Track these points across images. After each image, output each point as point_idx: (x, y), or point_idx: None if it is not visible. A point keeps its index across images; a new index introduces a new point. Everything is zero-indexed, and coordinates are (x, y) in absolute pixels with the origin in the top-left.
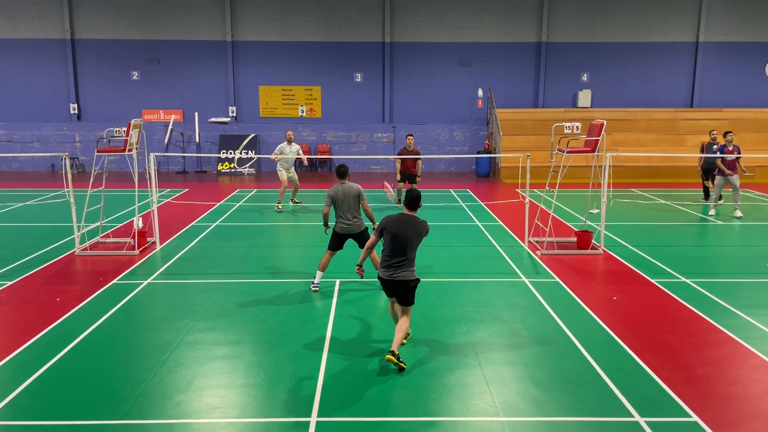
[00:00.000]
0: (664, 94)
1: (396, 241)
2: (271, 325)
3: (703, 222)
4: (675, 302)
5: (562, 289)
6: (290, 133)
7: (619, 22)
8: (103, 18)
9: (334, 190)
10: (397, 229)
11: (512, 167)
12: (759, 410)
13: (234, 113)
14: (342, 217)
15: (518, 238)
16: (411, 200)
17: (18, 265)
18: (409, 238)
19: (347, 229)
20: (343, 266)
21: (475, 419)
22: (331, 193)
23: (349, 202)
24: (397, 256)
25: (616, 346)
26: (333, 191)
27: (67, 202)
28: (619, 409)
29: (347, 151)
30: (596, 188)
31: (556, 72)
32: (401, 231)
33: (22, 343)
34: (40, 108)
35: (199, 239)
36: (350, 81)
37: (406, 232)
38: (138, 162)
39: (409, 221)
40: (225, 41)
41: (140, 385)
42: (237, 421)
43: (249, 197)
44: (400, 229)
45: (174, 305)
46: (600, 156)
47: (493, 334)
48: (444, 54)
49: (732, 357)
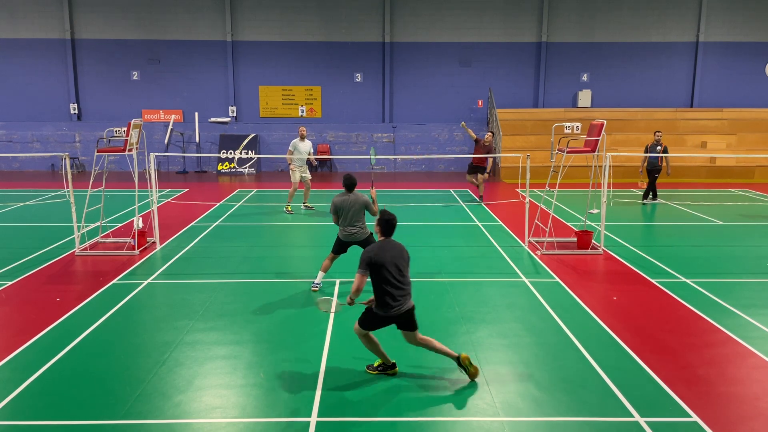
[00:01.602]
0: (664, 94)
1: (397, 270)
2: (271, 325)
3: (703, 222)
4: (675, 302)
5: (562, 289)
6: (303, 129)
7: (619, 22)
8: (103, 18)
9: (340, 200)
10: (391, 257)
11: (512, 167)
12: (759, 410)
13: (234, 113)
14: (346, 226)
15: (518, 238)
16: (390, 227)
17: (18, 265)
18: (406, 263)
19: (351, 237)
20: (344, 267)
21: (475, 419)
22: (337, 202)
23: (353, 212)
24: (404, 286)
25: (616, 346)
26: (339, 201)
27: (67, 202)
28: (619, 409)
29: (347, 151)
30: (596, 188)
31: (556, 72)
32: (396, 259)
33: (22, 343)
34: (40, 108)
35: (199, 239)
36: (350, 81)
37: (401, 258)
38: (138, 162)
39: (396, 247)
40: (225, 41)
41: (140, 385)
42: (237, 421)
43: (249, 197)
44: (395, 257)
45: (174, 305)
46: (600, 156)
47: (493, 334)
48: (444, 54)
49: (732, 357)
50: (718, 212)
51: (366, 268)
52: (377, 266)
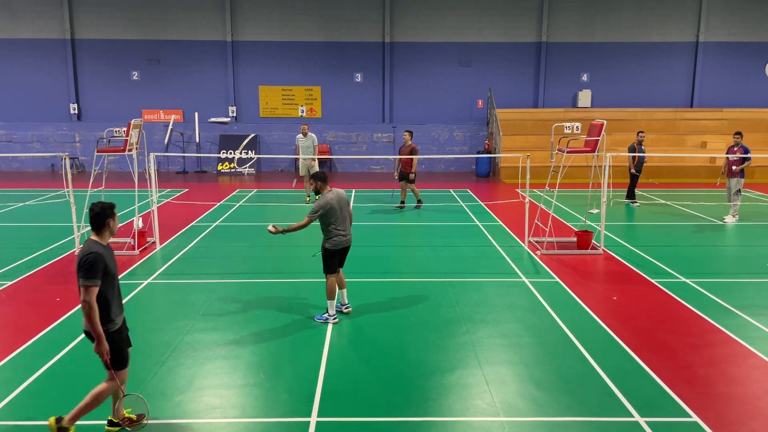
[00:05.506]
0: (664, 94)
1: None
2: (271, 325)
3: (703, 222)
4: (675, 302)
5: (562, 289)
6: (304, 126)
7: (619, 22)
8: (103, 18)
9: (336, 198)
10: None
11: (512, 167)
12: (759, 410)
13: (234, 113)
14: (340, 230)
15: (518, 238)
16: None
17: (18, 265)
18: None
19: (345, 242)
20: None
21: (475, 419)
22: (332, 200)
23: (345, 211)
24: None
25: (616, 346)
26: (334, 199)
27: (67, 202)
28: (619, 409)
29: (347, 151)
30: (596, 188)
31: (556, 72)
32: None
33: (22, 343)
34: (40, 108)
35: (199, 239)
36: (350, 81)
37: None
38: (138, 162)
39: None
40: (225, 41)
41: (140, 385)
42: (237, 421)
43: (249, 197)
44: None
45: (174, 305)
46: (600, 156)
47: (493, 334)
48: (444, 54)
49: (732, 357)
50: (718, 212)
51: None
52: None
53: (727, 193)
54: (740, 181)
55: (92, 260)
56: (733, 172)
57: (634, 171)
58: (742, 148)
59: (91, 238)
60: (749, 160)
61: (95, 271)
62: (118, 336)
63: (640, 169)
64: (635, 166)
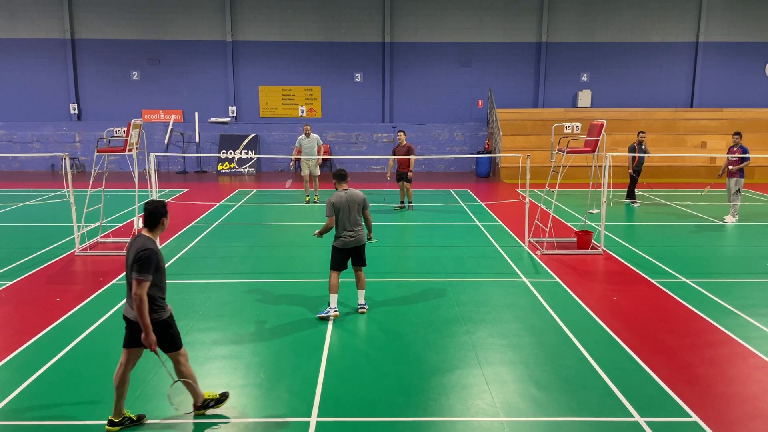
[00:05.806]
0: (664, 94)
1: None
2: (271, 325)
3: (703, 222)
4: (675, 302)
5: (562, 289)
6: (307, 126)
7: (619, 22)
8: (103, 18)
9: (337, 198)
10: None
11: (512, 167)
12: (759, 410)
13: (234, 113)
14: (346, 229)
15: (518, 238)
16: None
17: (18, 265)
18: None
19: (353, 241)
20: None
21: (475, 419)
22: (334, 200)
23: (354, 211)
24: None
25: (616, 346)
26: (336, 198)
27: (67, 202)
28: (619, 409)
29: (347, 151)
30: (596, 188)
31: (556, 72)
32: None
33: (22, 343)
34: (40, 108)
35: (199, 239)
36: (350, 81)
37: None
38: (138, 162)
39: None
40: (225, 41)
41: (140, 385)
42: (237, 421)
43: (249, 197)
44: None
45: (174, 305)
46: (600, 156)
47: (493, 334)
48: (444, 54)
49: (732, 357)
50: (718, 212)
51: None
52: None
53: (727, 193)
54: (740, 181)
55: (147, 256)
56: (731, 172)
57: (632, 173)
58: (741, 149)
59: (145, 234)
60: (748, 160)
61: (149, 266)
62: (171, 320)
63: (639, 170)
64: (634, 167)
